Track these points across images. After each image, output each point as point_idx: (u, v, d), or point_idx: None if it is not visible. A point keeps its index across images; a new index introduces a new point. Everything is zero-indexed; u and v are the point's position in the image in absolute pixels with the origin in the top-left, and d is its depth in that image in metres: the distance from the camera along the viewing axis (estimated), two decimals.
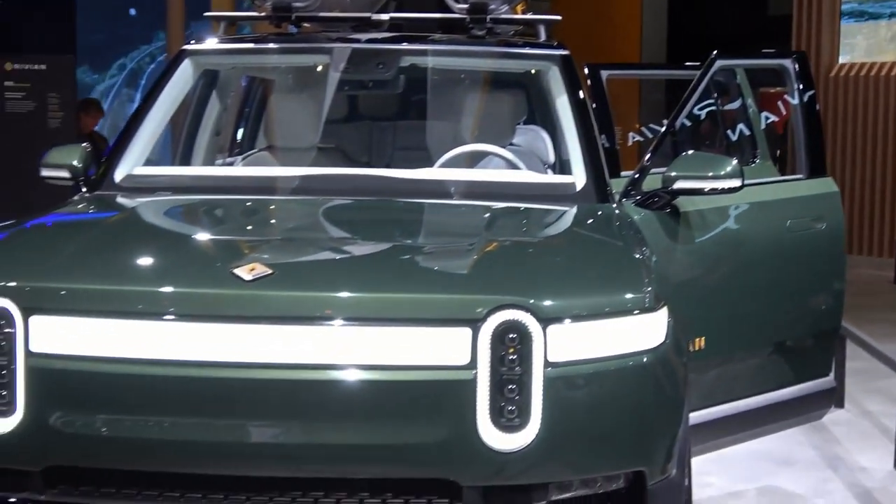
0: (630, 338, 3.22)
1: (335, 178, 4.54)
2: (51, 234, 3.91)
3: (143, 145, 4.65)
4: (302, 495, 3.11)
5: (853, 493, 5.86)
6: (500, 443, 3.06)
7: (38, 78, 8.54)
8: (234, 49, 5.17)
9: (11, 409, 3.12)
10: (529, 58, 4.98)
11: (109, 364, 3.12)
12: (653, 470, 3.25)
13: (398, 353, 3.09)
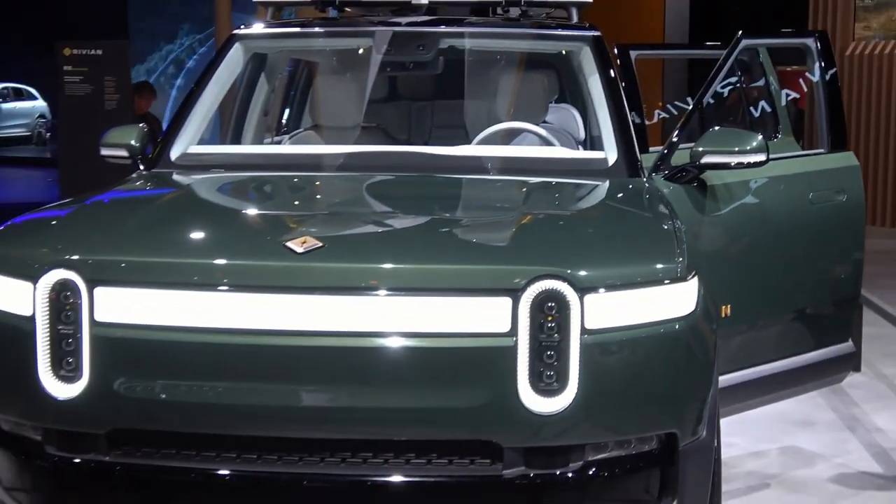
0: (663, 306, 3.21)
1: (378, 154, 4.54)
2: (112, 210, 3.92)
3: (197, 125, 4.66)
4: (351, 456, 3.12)
5: (871, 452, 5.83)
6: (539, 406, 3.05)
7: (94, 62, 8.56)
8: (282, 33, 5.16)
9: (78, 376, 3.14)
10: (563, 39, 4.95)
11: (169, 332, 3.13)
12: (684, 432, 3.24)
13: (442, 321, 3.08)
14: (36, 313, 3.19)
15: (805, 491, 5.21)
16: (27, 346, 3.19)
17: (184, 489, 3.15)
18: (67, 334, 3.16)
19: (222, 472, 3.12)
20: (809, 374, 5.10)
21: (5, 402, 3.33)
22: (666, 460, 3.22)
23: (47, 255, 3.26)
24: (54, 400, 3.16)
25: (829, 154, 5.20)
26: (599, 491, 3.17)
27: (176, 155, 4.48)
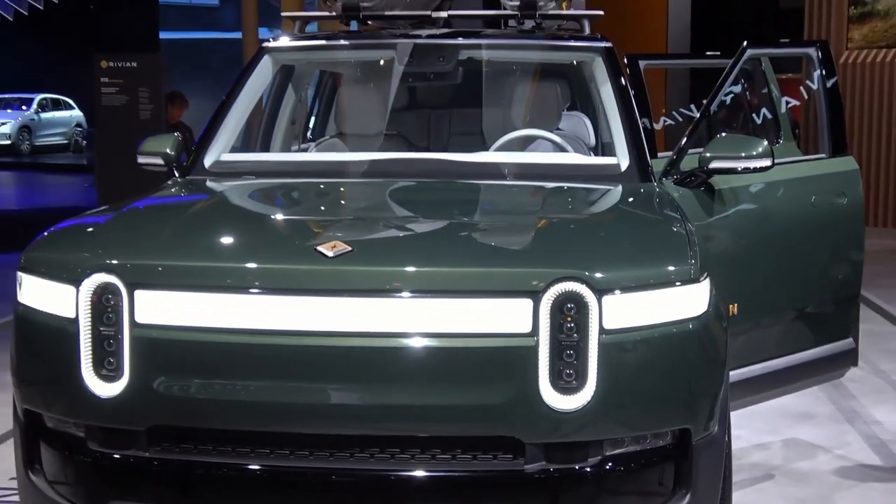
0: (677, 306, 3.17)
1: (401, 161, 4.50)
2: (151, 216, 3.90)
3: (229, 134, 4.64)
4: (379, 451, 3.08)
5: (869, 444, 5.79)
6: (559, 403, 3.02)
7: (130, 74, 8.58)
8: (309, 46, 5.13)
9: (119, 375, 3.12)
10: (577, 50, 4.91)
11: (206, 333, 3.11)
12: (697, 427, 3.20)
13: (466, 322, 3.05)
14: (79, 316, 3.17)
15: (807, 482, 5.17)
16: (70, 347, 3.17)
17: (220, 483, 3.12)
18: (109, 335, 3.14)
19: (256, 467, 3.09)
20: (812, 370, 5.06)
21: (50, 400, 3.31)
22: (680, 455, 3.19)
23: (89, 259, 3.23)
24: (97, 398, 3.14)
25: (830, 159, 5.16)
26: (616, 485, 3.13)
27: (209, 162, 4.45)
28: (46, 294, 3.29)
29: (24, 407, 3.38)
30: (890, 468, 5.42)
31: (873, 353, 7.27)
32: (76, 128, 29.18)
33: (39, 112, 28.38)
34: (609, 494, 3.12)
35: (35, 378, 3.37)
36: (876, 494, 5.05)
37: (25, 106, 28.19)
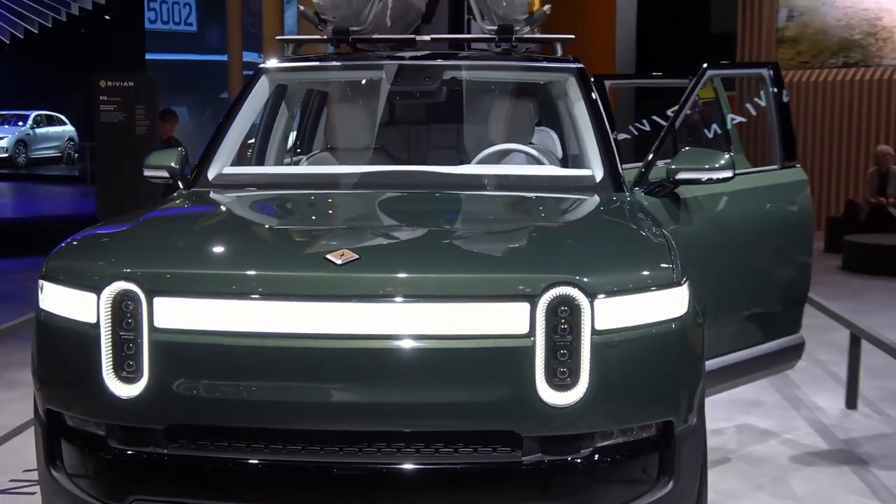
0: (660, 308, 3.13)
1: (391, 174, 4.41)
2: (165, 226, 3.79)
3: (230, 148, 4.54)
4: (386, 446, 3.01)
5: (814, 428, 5.82)
6: (554, 399, 2.97)
7: (126, 93, 8.45)
8: (303, 67, 5.02)
9: (138, 377, 3.03)
10: (553, 70, 4.83)
11: (223, 337, 3.02)
12: (679, 419, 3.16)
13: (468, 325, 2.99)
14: (100, 321, 3.07)
15: (761, 465, 5.16)
16: (92, 351, 3.07)
17: (236, 478, 3.02)
18: (128, 340, 3.05)
19: (270, 462, 3.00)
20: (766, 363, 5.06)
21: (71, 400, 3.21)
22: (663, 445, 3.14)
23: (110, 268, 3.13)
24: (117, 399, 3.05)
25: (781, 170, 5.14)
26: (606, 474, 3.07)
27: (213, 175, 4.34)
28: (68, 301, 3.19)
29: (45, 407, 3.27)
30: (836, 450, 5.43)
31: (811, 345, 7.16)
32: (68, 142, 29.00)
33: (34, 127, 28.15)
34: (599, 483, 3.06)
35: (57, 380, 3.26)
36: (824, 475, 5.04)
37: (21, 122, 27.98)
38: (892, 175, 12.54)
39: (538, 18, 4.94)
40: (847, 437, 5.64)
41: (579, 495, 3.02)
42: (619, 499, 3.08)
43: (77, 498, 3.19)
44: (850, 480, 4.97)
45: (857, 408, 6.15)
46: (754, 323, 5.01)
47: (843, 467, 5.15)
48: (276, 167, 5.08)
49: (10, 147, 26.93)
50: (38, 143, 28.07)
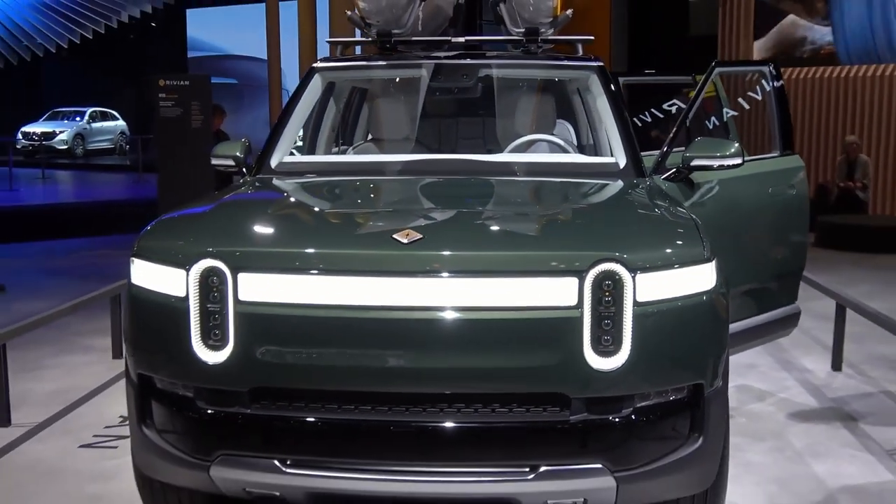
0: (693, 282, 3.06)
1: (435, 161, 4.35)
2: (244, 208, 3.72)
3: (290, 139, 4.48)
4: (448, 406, 2.95)
5: (805, 388, 5.78)
6: (599, 364, 2.92)
7: (183, 91, 8.39)
8: (351, 66, 4.96)
9: (224, 344, 2.99)
10: (578, 68, 4.74)
11: (300, 308, 2.96)
12: (707, 382, 3.10)
13: (522, 297, 2.93)
14: (189, 295, 3.02)
15: (761, 420, 5.13)
16: (181, 321, 3.02)
17: (312, 434, 2.97)
18: (215, 311, 3.00)
19: (344, 420, 2.95)
20: (769, 329, 4.99)
21: (162, 366, 3.15)
22: (694, 405, 3.07)
23: (197, 247, 3.07)
24: (205, 364, 3.00)
25: (781, 157, 5.06)
26: (643, 432, 3.01)
27: (275, 163, 4.28)
28: (158, 276, 3.13)
29: (137, 372, 3.22)
30: (826, 408, 5.38)
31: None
32: (120, 135, 28.97)
33: (90, 122, 28.08)
34: (637, 439, 3.00)
35: (148, 347, 3.20)
36: (818, 430, 5.00)
37: (79, 117, 27.91)
38: (859, 162, 12.46)
39: (561, 22, 4.86)
40: (835, 396, 5.60)
41: (619, 451, 2.96)
42: (656, 454, 3.02)
43: (167, 453, 3.14)
44: (841, 435, 4.92)
45: (842, 370, 6.11)
46: (758, 294, 4.92)
47: (835, 423, 5.10)
48: (330, 156, 5.00)
49: (69, 140, 26.91)
50: (94, 136, 28.03)
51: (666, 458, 3.04)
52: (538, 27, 4.77)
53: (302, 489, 3.02)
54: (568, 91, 5.50)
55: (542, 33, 4.79)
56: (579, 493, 2.99)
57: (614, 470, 2.95)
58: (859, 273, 9.62)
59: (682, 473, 3.09)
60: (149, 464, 3.28)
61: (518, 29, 4.82)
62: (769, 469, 4.43)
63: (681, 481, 3.13)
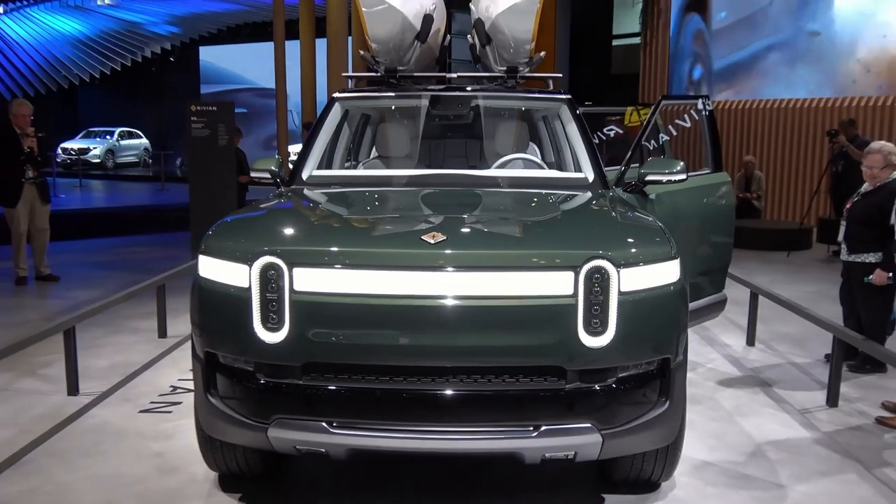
0: (664, 275, 3.08)
1: (438, 175, 4.32)
2: (290, 213, 3.65)
3: (317, 156, 4.42)
4: (467, 377, 2.94)
5: (727, 360, 5.84)
6: (590, 342, 2.93)
7: (211, 115, 8.25)
8: (365, 96, 4.90)
9: (281, 327, 2.95)
10: (551, 100, 4.73)
11: (345, 297, 2.93)
12: (673, 356, 3.12)
13: (529, 288, 2.93)
14: (251, 286, 2.98)
15: (696, 386, 5.15)
16: (245, 308, 2.98)
17: (354, 401, 2.94)
18: (273, 300, 2.95)
19: (381, 389, 2.92)
20: (706, 312, 5.04)
21: (226, 345, 3.09)
22: (663, 375, 3.10)
23: (258, 246, 3.02)
24: (264, 343, 2.96)
25: (713, 173, 5.10)
26: (624, 397, 3.01)
27: (306, 176, 4.23)
28: (224, 270, 3.07)
29: (204, 350, 3.16)
30: (746, 376, 5.44)
31: None
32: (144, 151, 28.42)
33: (119, 140, 27.50)
34: (618, 403, 3.01)
35: (214, 329, 3.13)
36: (742, 394, 5.06)
37: (109, 136, 27.32)
38: (754, 177, 12.61)
39: (535, 62, 4.86)
40: (751, 366, 5.66)
41: (605, 412, 2.97)
42: (633, 415, 3.04)
43: (229, 417, 3.09)
44: (760, 398, 4.98)
45: (755, 345, 6.18)
46: (695, 285, 4.96)
47: (754, 388, 5.16)
48: (349, 170, 4.95)
49: (101, 155, 26.35)
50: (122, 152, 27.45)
51: (641, 419, 3.06)
52: (517, 66, 4.77)
53: (344, 447, 2.99)
54: (534, 119, 5.50)
55: (521, 71, 4.79)
56: (571, 448, 3.00)
57: (601, 428, 2.96)
58: (756, 266, 9.75)
59: (653, 430, 3.11)
60: (213, 426, 3.23)
61: (500, 67, 4.83)
62: (707, 426, 4.47)
63: (652, 437, 3.16)
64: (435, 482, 3.72)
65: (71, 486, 3.66)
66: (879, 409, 4.73)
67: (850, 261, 5.26)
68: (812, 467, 3.94)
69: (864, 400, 4.90)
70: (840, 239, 5.33)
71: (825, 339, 6.11)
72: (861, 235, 5.16)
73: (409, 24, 4.61)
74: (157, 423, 4.42)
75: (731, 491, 3.68)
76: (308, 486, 3.71)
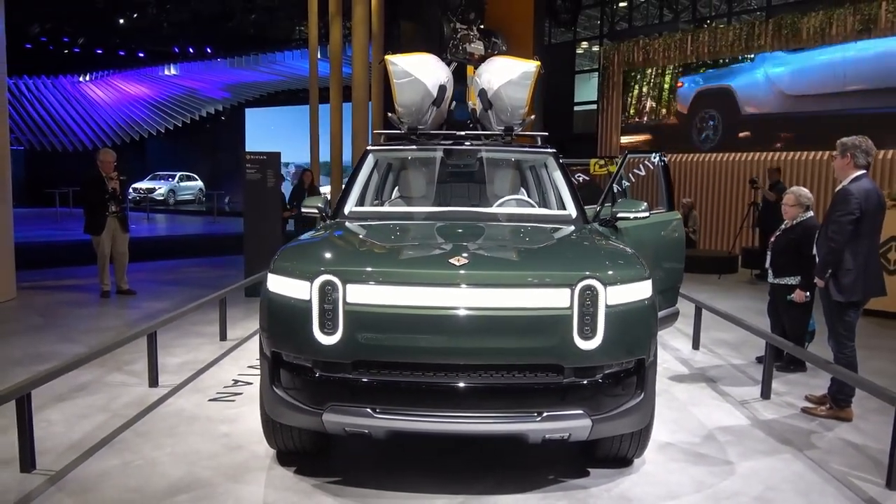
0: (640, 292, 3.10)
1: (453, 212, 4.29)
2: (341, 240, 3.63)
3: (356, 195, 4.42)
4: (483, 372, 2.93)
5: (677, 360, 5.82)
6: (583, 346, 2.94)
7: (262, 162, 8.22)
8: (392, 148, 4.92)
9: (335, 331, 2.95)
10: (541, 153, 4.77)
11: (388, 308, 2.93)
12: (647, 356, 3.13)
13: (535, 301, 2.94)
14: (312, 299, 2.97)
15: None
16: (306, 316, 2.98)
17: (397, 392, 2.92)
18: (329, 309, 2.95)
19: (415, 382, 2.92)
20: (664, 321, 5.05)
21: (290, 345, 3.07)
22: (639, 372, 3.10)
23: (317, 266, 3.03)
24: (321, 345, 2.96)
25: (667, 212, 5.14)
26: (609, 389, 3.02)
27: (348, 211, 4.23)
28: (289, 286, 3.07)
29: (271, 350, 3.14)
30: (694, 373, 5.42)
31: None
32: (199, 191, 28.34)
33: (179, 182, 27.45)
34: (604, 395, 3.01)
35: (280, 333, 3.11)
36: (693, 388, 5.04)
37: (171, 178, 27.28)
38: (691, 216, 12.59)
39: (528, 123, 4.90)
40: (698, 366, 5.64)
41: (594, 402, 2.98)
42: (616, 404, 3.04)
43: (291, 404, 3.07)
44: (707, 391, 4.97)
45: (700, 349, 6.18)
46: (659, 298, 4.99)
47: (702, 383, 5.15)
48: (381, 207, 4.93)
49: (165, 193, 26.30)
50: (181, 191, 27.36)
51: (622, 407, 3.06)
52: (513, 126, 4.81)
53: (384, 429, 2.97)
54: (523, 167, 5.52)
55: (515, 130, 4.83)
56: (566, 430, 2.99)
57: (591, 415, 2.96)
58: (694, 286, 9.75)
59: (632, 416, 3.11)
60: (276, 411, 3.19)
61: (499, 127, 4.86)
62: (666, 414, 4.45)
63: (630, 421, 3.15)
64: (448, 461, 3.70)
65: (157, 460, 3.62)
66: (804, 401, 4.74)
67: (774, 283, 5.30)
68: (754, 447, 3.93)
69: (790, 394, 4.90)
70: (767, 266, 5.38)
71: (755, 344, 6.16)
72: (782, 263, 5.21)
73: (428, 93, 4.65)
74: (223, 410, 4.38)
75: (690, 466, 3.67)
76: (349, 460, 3.68)
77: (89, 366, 4.97)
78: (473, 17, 11.89)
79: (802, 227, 5.11)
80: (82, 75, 27.27)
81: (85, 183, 8.05)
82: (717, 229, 13.52)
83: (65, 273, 10.14)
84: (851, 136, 4.20)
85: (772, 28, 12.75)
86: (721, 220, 13.46)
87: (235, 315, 7.01)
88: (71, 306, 7.67)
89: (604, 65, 15.89)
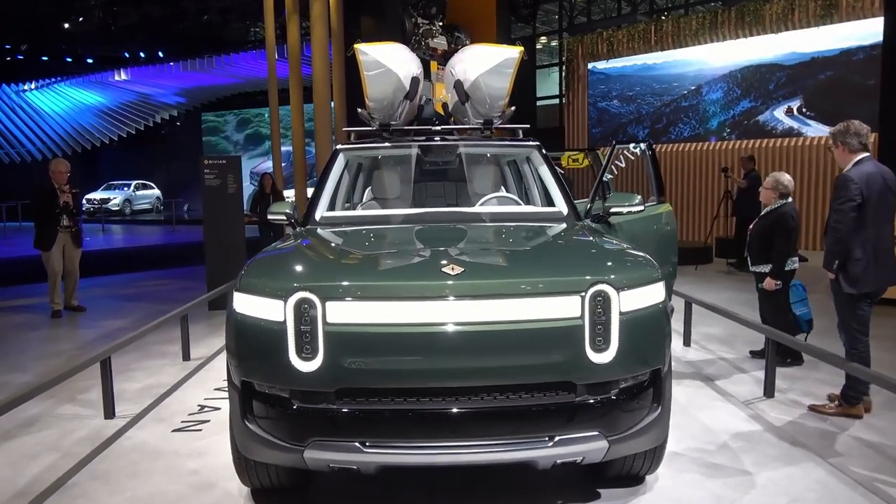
0: (653, 296, 2.80)
1: (433, 213, 3.91)
2: (314, 252, 3.23)
3: (326, 199, 4.04)
4: (487, 394, 2.60)
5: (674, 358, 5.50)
6: (596, 359, 2.62)
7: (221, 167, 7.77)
8: (363, 147, 4.54)
9: (314, 356, 2.57)
10: (525, 146, 4.45)
11: (373, 327, 2.56)
12: (663, 367, 2.83)
13: (542, 311, 2.60)
14: (287, 319, 2.59)
15: None
16: (281, 340, 2.59)
17: (389, 422, 2.56)
18: (307, 331, 2.57)
19: (410, 410, 2.56)
20: None
21: (262, 374, 2.68)
22: (656, 384, 2.80)
23: (292, 283, 2.64)
24: (299, 372, 2.58)
25: (659, 204, 4.88)
26: (625, 406, 2.71)
27: (318, 217, 3.84)
28: (259, 306, 2.67)
29: (241, 379, 2.74)
30: (689, 372, 5.21)
31: None
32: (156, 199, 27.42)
33: (135, 191, 26.48)
34: (621, 412, 2.70)
35: (250, 360, 2.71)
36: (691, 387, 4.81)
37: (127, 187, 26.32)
38: None
39: (507, 115, 4.58)
40: (692, 364, 5.43)
41: (609, 420, 2.67)
42: (633, 421, 2.73)
43: (266, 440, 2.68)
44: (707, 391, 4.74)
45: (691, 345, 5.96)
46: None
47: (699, 382, 4.92)
48: (354, 211, 4.53)
49: (120, 203, 25.36)
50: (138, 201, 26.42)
51: (639, 424, 2.75)
52: (492, 119, 4.49)
53: (375, 464, 2.60)
54: (501, 163, 5.21)
55: (495, 123, 4.50)
56: (581, 454, 2.68)
57: (607, 435, 2.65)
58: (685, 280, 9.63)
59: (649, 433, 2.81)
60: (249, 448, 2.80)
61: (478, 119, 4.54)
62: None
63: (647, 439, 2.85)
64: (445, 481, 3.36)
65: None
66: (808, 397, 4.51)
67: (753, 271, 5.16)
68: (768, 454, 3.67)
69: (793, 390, 4.69)
70: (745, 254, 5.25)
71: (746, 337, 5.97)
72: (758, 250, 5.08)
73: (400, 85, 4.30)
74: (190, 442, 3.95)
75: (706, 480, 3.38)
76: (333, 494, 3.30)
77: (39, 397, 4.48)
78: (435, 12, 11.55)
79: (777, 214, 4.98)
80: (27, 83, 26.11)
81: (36, 194, 7.56)
82: (690, 220, 13.43)
83: (12, 292, 9.49)
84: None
85: (734, 15, 12.70)
86: (694, 210, 13.37)
87: (199, 331, 6.54)
88: (19, 329, 7.11)
89: (567, 58, 15.70)
